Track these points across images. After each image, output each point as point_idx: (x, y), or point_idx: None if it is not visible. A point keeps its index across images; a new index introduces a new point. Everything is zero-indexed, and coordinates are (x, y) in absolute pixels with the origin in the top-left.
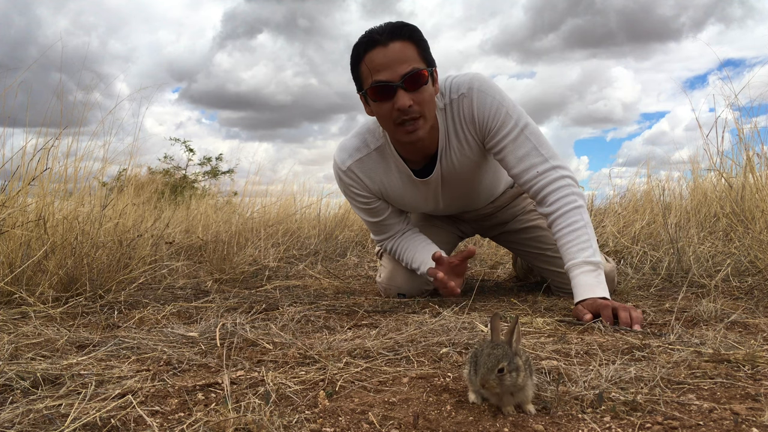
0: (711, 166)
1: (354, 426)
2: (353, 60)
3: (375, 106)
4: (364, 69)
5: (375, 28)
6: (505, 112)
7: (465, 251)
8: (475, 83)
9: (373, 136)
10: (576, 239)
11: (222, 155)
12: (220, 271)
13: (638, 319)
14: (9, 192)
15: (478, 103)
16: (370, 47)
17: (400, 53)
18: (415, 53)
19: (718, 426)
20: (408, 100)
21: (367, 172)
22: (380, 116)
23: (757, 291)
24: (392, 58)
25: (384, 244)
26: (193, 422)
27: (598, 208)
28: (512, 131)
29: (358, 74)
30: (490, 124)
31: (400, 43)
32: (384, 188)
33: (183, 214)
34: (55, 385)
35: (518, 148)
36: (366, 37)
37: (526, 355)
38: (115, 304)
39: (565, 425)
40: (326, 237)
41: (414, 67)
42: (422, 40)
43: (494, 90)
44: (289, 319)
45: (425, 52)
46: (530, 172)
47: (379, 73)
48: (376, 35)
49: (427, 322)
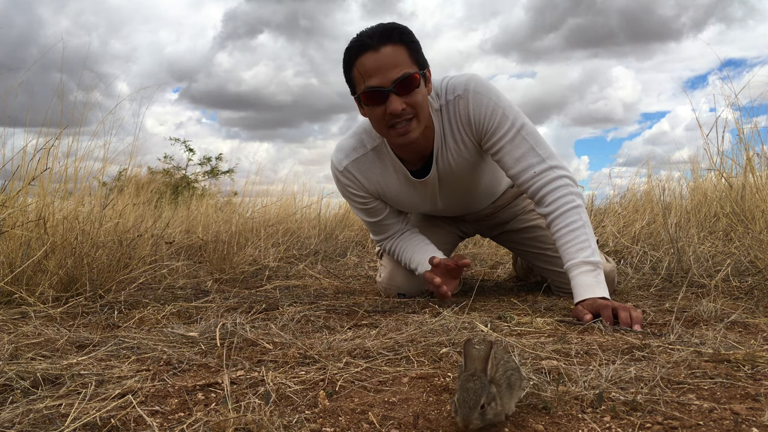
0: (711, 165)
1: (354, 426)
2: (345, 64)
3: (368, 110)
4: (356, 74)
5: (366, 31)
6: (501, 113)
7: (461, 262)
8: (471, 84)
9: (369, 136)
10: (575, 239)
11: (222, 155)
12: (220, 271)
13: (638, 319)
14: (9, 192)
15: (475, 104)
16: (362, 52)
17: (391, 57)
18: (407, 56)
19: (718, 426)
20: (400, 104)
21: (364, 172)
22: (373, 120)
23: (757, 291)
24: (383, 62)
25: (383, 245)
26: (193, 422)
27: (598, 208)
28: (509, 132)
29: (351, 78)
30: (487, 125)
31: (391, 47)
32: (381, 188)
33: (183, 214)
34: (55, 385)
35: (515, 149)
36: (357, 41)
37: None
38: (115, 304)
39: (565, 425)
40: (326, 237)
41: (405, 71)
42: (413, 42)
43: (491, 91)
44: (289, 319)
45: (417, 54)
46: (528, 173)
47: (370, 78)
48: (366, 39)
49: (427, 322)
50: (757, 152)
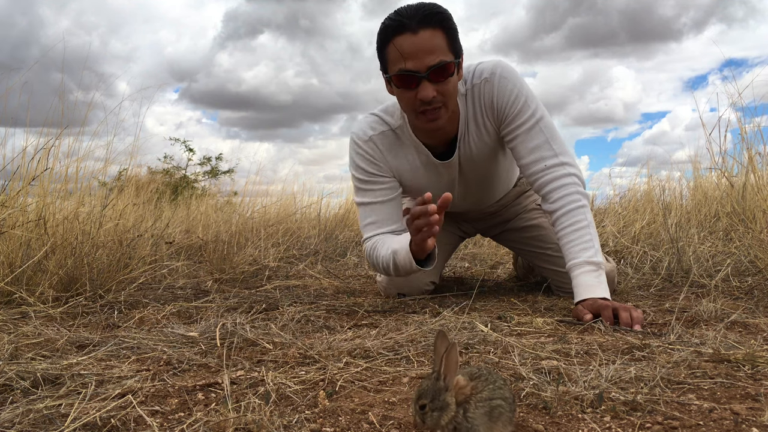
0: (713, 165)
1: (354, 426)
2: (380, 41)
3: (398, 92)
4: (391, 53)
5: (405, 9)
6: (524, 100)
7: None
8: (498, 69)
9: (392, 117)
10: (578, 239)
11: (222, 155)
12: (220, 271)
13: (639, 319)
14: (9, 192)
15: (499, 88)
16: (399, 32)
17: (428, 42)
18: (444, 43)
19: (718, 426)
20: (432, 91)
21: (388, 146)
22: (402, 102)
23: (757, 291)
24: (420, 47)
25: (370, 241)
26: (193, 422)
27: (599, 208)
28: (528, 121)
29: (384, 57)
30: (508, 110)
31: (430, 31)
32: (400, 167)
33: (183, 214)
34: (55, 385)
35: (531, 139)
36: (395, 20)
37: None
38: (115, 304)
39: (565, 425)
40: (326, 237)
41: (441, 59)
42: (452, 29)
43: (516, 78)
44: (289, 319)
45: (454, 40)
46: (538, 165)
47: (405, 61)
48: (405, 19)
49: (427, 322)
50: (759, 152)
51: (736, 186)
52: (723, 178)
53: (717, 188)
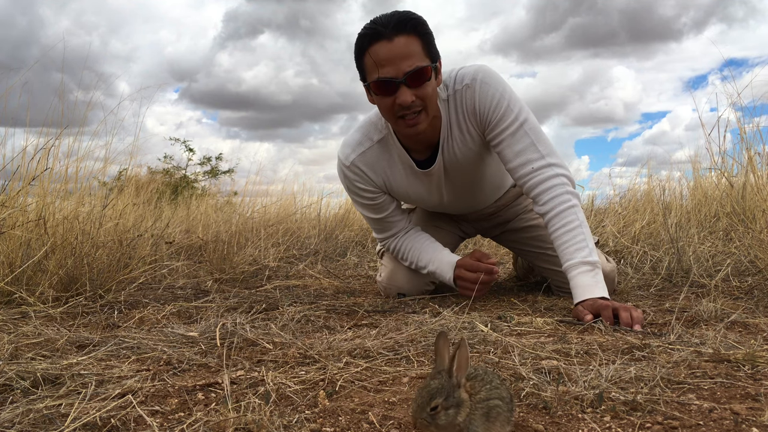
0: (713, 165)
1: (354, 426)
2: (357, 51)
3: (377, 99)
4: (368, 62)
5: (380, 18)
6: (506, 105)
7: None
8: (479, 75)
9: (375, 128)
10: (572, 239)
11: (222, 155)
12: (220, 271)
13: (639, 319)
14: (9, 192)
15: (481, 94)
16: (375, 40)
17: (404, 48)
18: (420, 48)
19: (718, 426)
20: (410, 96)
21: (371, 165)
22: (382, 108)
23: (757, 291)
24: (396, 53)
25: (387, 243)
26: (193, 422)
27: (599, 208)
28: (512, 125)
29: (362, 65)
30: (491, 116)
31: (405, 38)
32: (388, 180)
33: (183, 214)
34: (55, 385)
35: (516, 143)
36: (371, 28)
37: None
38: (115, 304)
39: (565, 425)
40: (326, 237)
41: (417, 64)
42: (427, 34)
43: (498, 82)
44: (289, 319)
45: (430, 45)
46: (526, 168)
47: (382, 68)
48: (380, 27)
49: (427, 322)
50: (758, 152)
51: (736, 186)
52: (723, 178)
53: (717, 188)
